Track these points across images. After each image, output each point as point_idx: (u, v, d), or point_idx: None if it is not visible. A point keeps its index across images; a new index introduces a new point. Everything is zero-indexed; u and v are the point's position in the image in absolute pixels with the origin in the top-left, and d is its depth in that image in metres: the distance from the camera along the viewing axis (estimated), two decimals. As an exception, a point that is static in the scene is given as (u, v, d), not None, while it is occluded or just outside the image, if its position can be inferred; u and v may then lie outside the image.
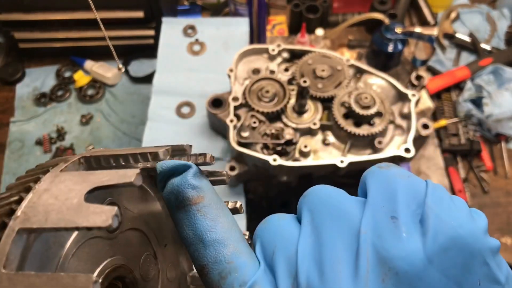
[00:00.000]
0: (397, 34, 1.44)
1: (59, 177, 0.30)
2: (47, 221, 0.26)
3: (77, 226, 0.25)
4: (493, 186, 1.40)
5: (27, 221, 0.26)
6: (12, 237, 0.25)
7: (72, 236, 0.30)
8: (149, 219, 0.38)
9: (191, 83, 1.28)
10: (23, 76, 1.65)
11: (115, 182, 0.28)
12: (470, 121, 1.46)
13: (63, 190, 0.28)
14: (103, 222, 0.25)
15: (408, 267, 0.24)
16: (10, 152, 1.50)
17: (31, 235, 0.27)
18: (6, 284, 0.24)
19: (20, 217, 0.26)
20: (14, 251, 0.25)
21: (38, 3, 1.50)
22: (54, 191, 0.28)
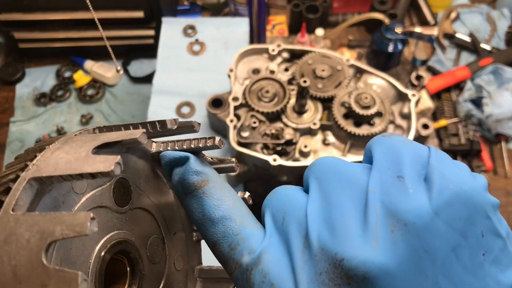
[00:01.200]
0: (397, 34, 1.44)
1: (72, 138, 0.32)
2: (56, 170, 0.28)
3: (82, 173, 0.27)
4: (493, 186, 1.40)
5: (38, 172, 0.28)
6: (23, 185, 0.27)
7: (82, 199, 0.32)
8: (162, 206, 0.40)
9: (191, 83, 1.28)
10: (23, 76, 1.65)
11: (121, 138, 0.30)
12: (470, 121, 1.46)
13: (74, 147, 0.30)
14: (105, 167, 0.26)
15: (416, 219, 0.25)
16: (10, 152, 1.50)
17: (42, 187, 0.28)
18: (12, 224, 0.26)
19: (32, 169, 0.28)
20: (23, 198, 0.27)
21: (38, 3, 1.50)
22: (66, 148, 0.30)
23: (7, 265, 0.25)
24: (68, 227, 0.25)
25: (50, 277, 0.24)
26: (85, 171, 0.27)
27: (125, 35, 1.59)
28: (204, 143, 0.35)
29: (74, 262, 0.31)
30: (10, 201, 0.27)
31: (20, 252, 0.25)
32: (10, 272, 0.25)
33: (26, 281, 0.25)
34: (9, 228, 0.26)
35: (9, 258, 0.25)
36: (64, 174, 0.27)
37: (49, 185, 0.29)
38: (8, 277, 0.25)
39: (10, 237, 0.26)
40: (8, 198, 0.27)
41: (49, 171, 0.28)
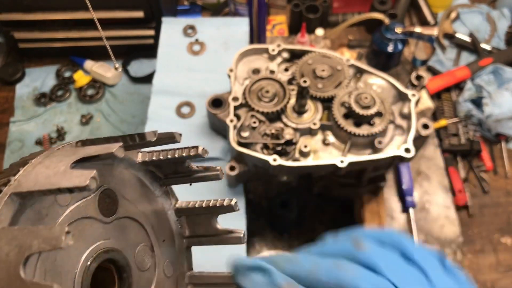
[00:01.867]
0: (397, 34, 1.44)
1: (53, 153, 0.33)
2: (35, 185, 0.28)
3: (59, 187, 0.28)
4: (493, 186, 1.40)
5: (19, 187, 0.29)
6: (4, 199, 0.28)
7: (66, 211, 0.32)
8: (149, 214, 0.40)
9: (191, 83, 1.28)
10: (23, 76, 1.65)
11: (99, 153, 0.31)
12: (470, 121, 1.46)
13: (54, 161, 0.31)
14: (81, 182, 0.27)
15: None
16: (10, 152, 1.50)
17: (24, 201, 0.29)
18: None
19: (14, 184, 0.29)
20: (5, 212, 0.28)
21: (38, 3, 1.50)
22: (47, 162, 0.31)
23: None
24: (44, 241, 0.25)
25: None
26: (62, 186, 0.28)
27: (125, 35, 1.59)
28: (187, 153, 0.36)
29: (60, 272, 0.31)
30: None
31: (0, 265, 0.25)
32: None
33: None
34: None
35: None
36: (43, 189, 0.28)
37: (30, 199, 0.30)
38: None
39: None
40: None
41: (29, 186, 0.28)
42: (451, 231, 1.30)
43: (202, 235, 0.42)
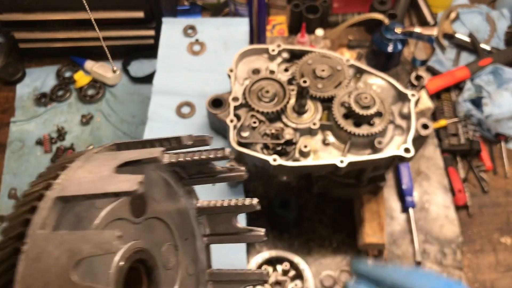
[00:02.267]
0: (397, 34, 1.44)
1: (93, 157, 0.33)
2: (80, 190, 0.29)
3: (106, 192, 0.28)
4: (492, 186, 1.40)
5: (62, 191, 0.29)
6: (49, 204, 0.28)
7: (102, 213, 0.33)
8: (174, 214, 0.41)
9: (191, 83, 1.28)
10: (23, 76, 1.65)
11: (142, 157, 0.32)
12: (469, 121, 1.46)
13: (95, 165, 0.31)
14: (129, 187, 0.28)
15: None
16: (11, 152, 1.50)
17: (66, 205, 0.29)
18: (42, 242, 0.27)
19: (56, 188, 0.30)
20: (50, 216, 0.28)
21: (38, 3, 1.50)
22: (88, 167, 0.31)
23: (38, 281, 0.26)
24: (96, 245, 0.26)
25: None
26: (109, 191, 0.28)
27: (125, 35, 1.59)
28: (214, 154, 0.36)
29: (96, 273, 0.32)
30: (37, 219, 0.28)
31: (50, 269, 0.26)
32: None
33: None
34: (39, 246, 0.27)
35: (40, 275, 0.26)
36: (88, 193, 0.29)
37: (73, 203, 0.30)
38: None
39: (41, 254, 0.27)
40: (36, 217, 0.28)
41: (74, 190, 0.29)
42: (451, 231, 1.30)
43: (222, 233, 0.43)
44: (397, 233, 1.29)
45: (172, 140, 0.36)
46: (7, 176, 1.46)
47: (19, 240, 0.28)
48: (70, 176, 0.31)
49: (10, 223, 0.30)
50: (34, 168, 1.47)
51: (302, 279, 1.16)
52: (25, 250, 0.27)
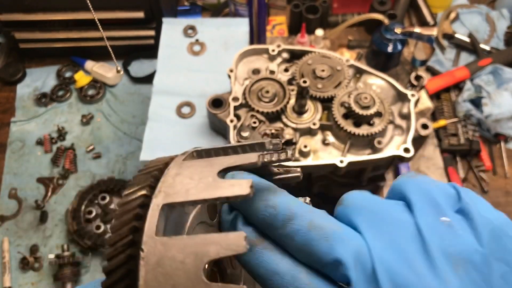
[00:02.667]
0: (397, 35, 1.44)
1: (184, 164, 0.33)
2: (188, 196, 0.29)
3: (218, 197, 0.29)
4: (492, 186, 1.41)
5: (168, 198, 0.30)
6: (158, 211, 0.29)
7: (190, 218, 0.34)
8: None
9: (191, 83, 1.29)
10: (23, 76, 1.65)
11: (240, 163, 0.32)
12: (469, 121, 1.47)
13: (194, 172, 0.31)
14: (242, 191, 0.29)
15: (473, 257, 0.28)
16: (11, 152, 1.50)
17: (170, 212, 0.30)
18: (161, 248, 0.28)
19: (160, 195, 0.30)
20: (161, 223, 0.29)
21: (39, 4, 1.51)
22: (186, 173, 0.31)
23: (165, 284, 0.27)
24: (224, 247, 0.27)
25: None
26: (221, 195, 0.29)
27: (125, 35, 1.59)
28: (277, 157, 0.35)
29: None
30: (150, 226, 0.29)
31: (176, 272, 0.27)
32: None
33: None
34: (159, 251, 0.28)
35: (166, 279, 0.27)
36: (198, 199, 0.29)
37: (175, 209, 0.31)
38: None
39: (162, 259, 0.27)
40: (148, 224, 0.29)
41: (182, 197, 0.29)
42: (451, 230, 1.30)
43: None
44: (397, 233, 1.30)
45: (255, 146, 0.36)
46: (7, 176, 1.46)
47: (131, 247, 0.29)
48: (171, 183, 0.31)
49: (115, 231, 0.30)
50: (34, 168, 1.47)
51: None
52: (144, 255, 0.28)
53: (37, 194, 1.43)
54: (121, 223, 0.30)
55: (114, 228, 0.30)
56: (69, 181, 1.45)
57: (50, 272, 1.30)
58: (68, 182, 1.45)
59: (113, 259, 0.29)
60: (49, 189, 1.43)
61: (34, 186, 1.44)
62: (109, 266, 0.29)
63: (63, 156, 1.49)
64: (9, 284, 1.28)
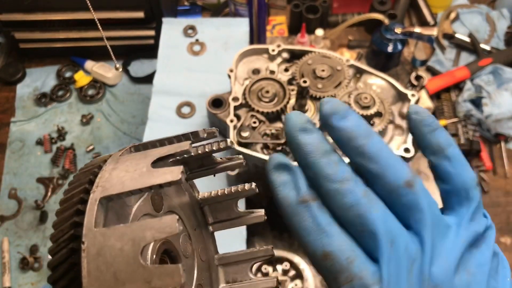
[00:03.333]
0: (397, 34, 1.44)
1: (121, 158, 0.35)
2: (124, 187, 0.31)
3: (151, 185, 0.30)
4: (492, 186, 1.40)
5: (105, 191, 0.31)
6: (96, 204, 0.30)
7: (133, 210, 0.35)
8: (183, 207, 0.44)
9: (191, 83, 1.29)
10: (23, 76, 1.65)
11: (173, 151, 0.34)
12: (469, 121, 1.46)
13: (130, 165, 0.33)
14: (174, 177, 0.30)
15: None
16: (11, 152, 1.50)
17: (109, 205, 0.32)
18: (100, 238, 0.29)
19: (98, 190, 0.31)
20: (99, 215, 0.30)
21: (39, 4, 1.51)
22: (122, 167, 0.33)
23: (106, 272, 0.28)
24: (158, 230, 0.28)
25: (152, 274, 0.28)
26: (154, 183, 0.31)
27: (125, 35, 1.59)
28: (217, 146, 0.38)
29: None
30: (89, 219, 0.30)
31: (116, 259, 0.28)
32: (111, 278, 0.28)
33: (129, 282, 0.28)
34: (98, 242, 0.29)
35: (107, 267, 0.28)
36: (133, 189, 0.31)
37: (114, 202, 0.32)
38: (111, 282, 0.28)
39: (102, 249, 0.29)
40: (87, 218, 0.30)
41: (118, 189, 0.31)
42: (451, 230, 1.30)
43: (225, 220, 0.46)
44: (397, 233, 1.30)
45: (190, 135, 0.37)
46: (7, 176, 1.46)
47: (73, 242, 0.30)
48: (107, 178, 0.32)
49: (57, 228, 0.31)
50: (34, 168, 1.47)
51: (302, 279, 1.17)
52: (85, 247, 0.29)
53: (37, 194, 1.43)
54: (62, 219, 0.31)
55: (56, 225, 0.31)
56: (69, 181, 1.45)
57: (50, 272, 1.30)
58: (68, 182, 1.45)
59: (56, 254, 0.30)
60: (49, 189, 1.43)
61: (34, 186, 1.44)
62: (53, 262, 0.30)
63: (63, 156, 1.49)
64: (8, 284, 1.28)
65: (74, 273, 0.29)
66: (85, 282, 0.28)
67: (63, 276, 0.30)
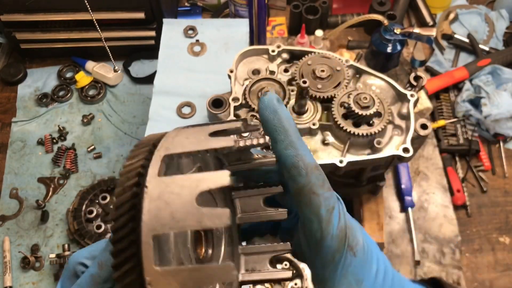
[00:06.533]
0: (396, 35, 1.45)
1: (181, 130, 0.40)
2: (184, 149, 0.36)
3: (208, 148, 0.36)
4: (491, 186, 1.41)
5: (168, 150, 0.36)
6: (160, 159, 0.35)
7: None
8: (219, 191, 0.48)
9: (191, 83, 1.29)
10: (24, 77, 1.66)
11: (226, 127, 0.39)
12: (468, 121, 1.47)
13: (190, 134, 0.38)
14: (228, 143, 0.36)
15: None
16: (12, 152, 1.51)
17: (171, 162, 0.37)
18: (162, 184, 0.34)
19: (161, 149, 0.36)
20: (162, 168, 0.35)
21: (40, 4, 1.51)
22: (183, 135, 0.38)
23: (164, 211, 0.33)
24: (213, 181, 0.33)
25: (203, 215, 0.32)
26: (211, 147, 0.36)
27: (126, 36, 1.60)
28: (257, 142, 0.42)
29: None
30: (153, 170, 0.35)
31: (174, 201, 0.33)
32: (168, 216, 0.32)
33: (183, 220, 0.32)
34: (160, 187, 0.34)
35: (165, 207, 0.33)
36: (193, 150, 0.36)
37: (173, 164, 0.38)
38: (167, 220, 0.32)
39: (163, 193, 0.33)
40: (151, 168, 0.35)
41: (179, 150, 0.36)
42: (450, 230, 1.31)
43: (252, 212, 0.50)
44: (396, 232, 1.30)
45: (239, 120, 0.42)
46: (8, 176, 1.47)
47: (136, 187, 0.34)
48: (170, 142, 0.37)
49: (124, 175, 0.35)
50: (35, 168, 1.48)
51: (302, 278, 1.17)
52: (147, 191, 0.33)
53: (38, 194, 1.44)
54: (128, 170, 0.35)
55: (122, 174, 0.35)
56: (70, 181, 1.45)
57: (51, 272, 1.31)
58: (68, 182, 1.45)
59: (121, 196, 0.34)
60: (50, 189, 1.44)
61: (35, 186, 1.45)
62: (118, 202, 0.34)
63: (64, 156, 1.50)
64: (10, 284, 1.29)
65: (135, 211, 0.33)
66: (145, 218, 0.32)
67: (125, 213, 0.33)
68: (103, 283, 0.38)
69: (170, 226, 0.32)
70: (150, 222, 0.32)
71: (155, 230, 0.32)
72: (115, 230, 0.33)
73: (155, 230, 0.32)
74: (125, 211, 0.34)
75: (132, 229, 0.33)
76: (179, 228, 0.32)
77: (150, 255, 0.32)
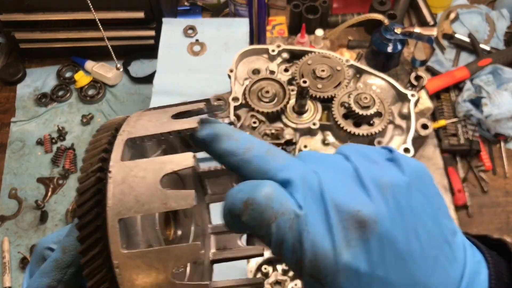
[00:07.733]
0: (397, 35, 1.45)
1: (143, 113, 0.39)
2: (147, 131, 0.36)
3: (170, 131, 0.35)
4: (492, 186, 1.41)
5: (131, 134, 0.36)
6: (123, 144, 0.35)
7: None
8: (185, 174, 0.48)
9: (191, 83, 1.29)
10: (24, 77, 1.66)
11: (189, 109, 0.39)
12: (469, 121, 1.47)
13: (152, 117, 0.38)
14: (191, 125, 0.35)
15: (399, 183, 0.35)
16: (11, 152, 1.51)
17: (134, 145, 0.37)
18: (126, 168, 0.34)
19: (124, 133, 0.36)
20: (126, 153, 0.35)
21: (39, 4, 1.51)
22: (145, 118, 0.38)
23: (128, 195, 0.33)
24: (176, 163, 0.33)
25: (168, 197, 0.32)
26: (173, 129, 0.35)
27: (125, 35, 1.60)
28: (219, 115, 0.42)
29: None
30: (116, 154, 0.35)
31: (138, 185, 0.33)
32: (133, 200, 0.33)
33: (148, 203, 0.32)
34: (123, 171, 0.34)
35: (129, 190, 0.33)
36: (155, 133, 0.35)
37: (137, 148, 0.38)
38: (132, 203, 0.33)
39: (127, 177, 0.33)
40: (114, 153, 0.35)
41: (142, 133, 0.36)
42: (450, 230, 1.30)
43: (221, 193, 0.50)
44: (396, 232, 1.30)
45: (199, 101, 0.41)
46: (7, 176, 1.46)
47: (100, 172, 0.34)
48: (132, 125, 0.37)
49: (86, 161, 0.35)
50: (35, 168, 1.47)
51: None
52: (111, 175, 0.33)
53: (37, 194, 1.43)
54: (91, 155, 0.35)
55: (85, 160, 0.35)
56: (69, 181, 1.45)
57: (50, 272, 1.30)
58: (68, 182, 1.45)
59: (84, 182, 0.34)
60: (49, 189, 1.44)
61: (34, 186, 1.44)
62: (82, 188, 0.34)
63: (63, 156, 1.49)
64: (9, 284, 1.28)
65: (100, 196, 0.33)
66: (110, 203, 0.33)
67: (90, 199, 0.33)
68: (67, 267, 0.38)
69: (135, 210, 0.32)
70: (115, 207, 0.32)
71: (120, 214, 0.32)
72: (81, 216, 0.33)
73: (121, 214, 0.32)
74: (89, 196, 0.33)
75: (97, 214, 0.33)
76: (144, 211, 0.32)
77: (117, 239, 0.32)
